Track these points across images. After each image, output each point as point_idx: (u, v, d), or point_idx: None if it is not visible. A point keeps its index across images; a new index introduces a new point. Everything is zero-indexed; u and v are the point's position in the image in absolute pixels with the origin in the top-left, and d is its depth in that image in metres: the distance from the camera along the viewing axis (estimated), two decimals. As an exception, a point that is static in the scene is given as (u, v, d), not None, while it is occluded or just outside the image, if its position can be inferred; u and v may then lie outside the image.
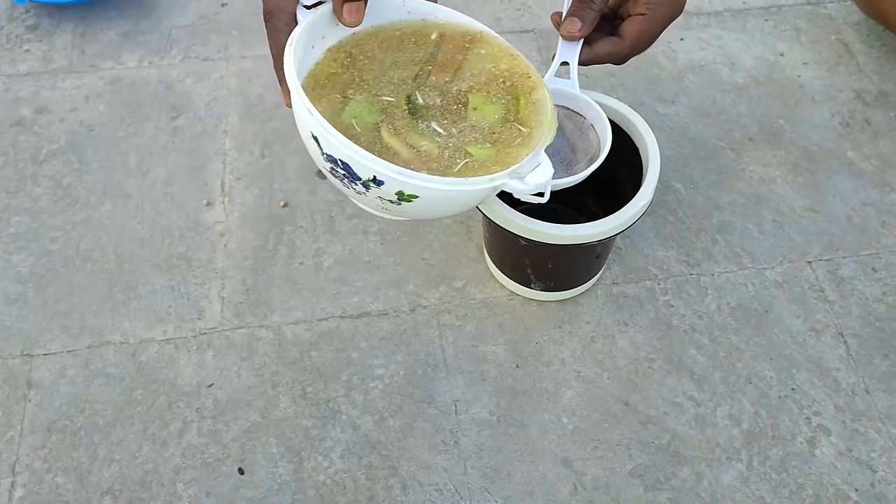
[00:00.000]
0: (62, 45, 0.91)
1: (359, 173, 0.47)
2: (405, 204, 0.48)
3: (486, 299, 0.72)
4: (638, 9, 0.60)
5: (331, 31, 0.53)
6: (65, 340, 0.70)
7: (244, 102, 0.86)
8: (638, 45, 0.61)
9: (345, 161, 0.47)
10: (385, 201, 0.49)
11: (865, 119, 0.85)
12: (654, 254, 0.75)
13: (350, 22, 0.51)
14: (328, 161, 0.48)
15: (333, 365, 0.69)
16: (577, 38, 0.59)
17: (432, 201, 0.49)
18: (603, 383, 0.68)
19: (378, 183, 0.47)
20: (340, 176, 0.48)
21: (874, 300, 0.73)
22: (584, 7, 0.59)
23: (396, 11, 0.56)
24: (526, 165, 0.50)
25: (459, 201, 0.51)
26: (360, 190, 0.48)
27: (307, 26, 0.51)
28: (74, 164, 0.81)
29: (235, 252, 0.75)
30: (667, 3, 0.60)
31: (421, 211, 0.50)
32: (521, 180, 0.49)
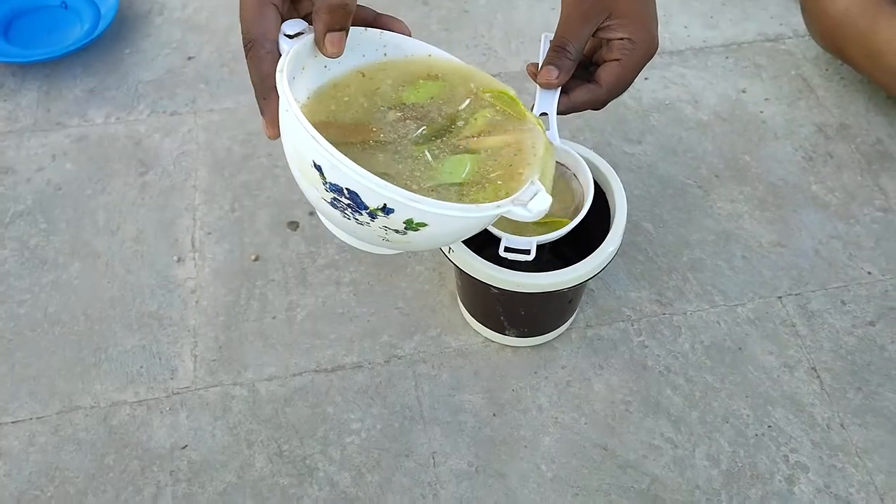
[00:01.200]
0: (27, 103, 0.90)
1: (367, 202, 0.45)
2: (411, 233, 0.47)
3: (461, 347, 0.72)
4: (612, 54, 0.61)
5: (310, 62, 0.52)
6: (34, 407, 0.68)
7: (213, 156, 0.86)
8: (615, 90, 0.62)
9: (352, 189, 0.45)
10: (389, 231, 0.47)
11: (828, 152, 0.87)
12: (627, 294, 0.76)
13: (332, 53, 0.50)
14: (331, 190, 0.46)
15: (309, 421, 0.68)
16: (555, 85, 0.60)
17: (441, 229, 0.48)
18: (581, 428, 0.68)
19: (387, 211, 0.45)
20: (343, 206, 0.47)
21: (845, 333, 0.73)
22: (560, 56, 0.60)
23: (373, 49, 0.56)
24: (526, 193, 0.50)
25: (465, 229, 0.51)
26: (365, 220, 0.47)
27: (293, 55, 0.49)
28: (42, 224, 0.80)
29: (207, 308, 0.74)
30: (641, 47, 0.61)
31: (423, 241, 0.49)
32: (524, 207, 0.49)
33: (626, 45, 0.60)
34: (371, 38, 0.55)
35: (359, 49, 0.55)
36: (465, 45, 0.97)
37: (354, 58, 0.55)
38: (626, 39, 0.60)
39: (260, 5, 0.49)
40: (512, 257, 0.57)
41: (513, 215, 0.50)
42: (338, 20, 0.49)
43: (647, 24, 0.61)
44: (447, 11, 1.01)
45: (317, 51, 0.51)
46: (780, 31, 0.99)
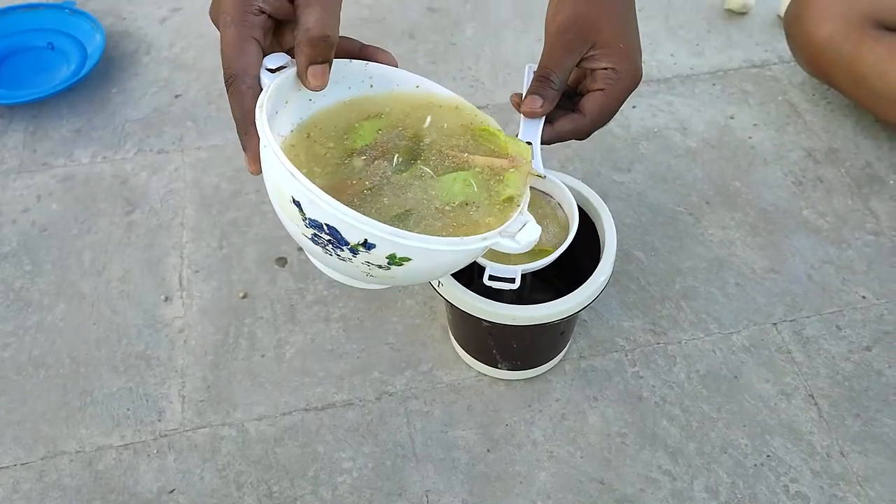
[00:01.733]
0: (13, 144, 0.90)
1: (347, 237, 0.44)
2: (395, 268, 0.46)
3: (453, 382, 0.71)
4: (596, 84, 0.61)
5: (293, 96, 0.52)
6: (18, 453, 0.67)
7: (200, 193, 0.85)
8: (599, 119, 0.62)
9: (332, 225, 0.44)
10: (372, 266, 0.47)
11: (817, 177, 0.87)
12: (620, 324, 0.75)
13: (315, 86, 0.50)
14: (311, 226, 0.45)
15: (299, 461, 0.67)
16: (539, 115, 0.60)
17: (425, 263, 0.47)
18: (576, 462, 0.67)
19: (369, 247, 0.45)
20: (324, 242, 0.46)
21: (841, 359, 0.72)
22: (544, 85, 0.60)
23: (358, 81, 0.55)
24: (514, 224, 0.49)
25: (452, 262, 0.49)
26: (347, 256, 0.46)
27: (274, 90, 0.49)
28: (27, 265, 0.79)
29: (195, 348, 0.73)
30: (624, 77, 0.60)
31: (408, 275, 0.48)
32: (513, 238, 0.49)
33: (610, 75, 0.60)
34: (356, 70, 0.55)
35: (344, 81, 0.54)
36: (452, 77, 0.97)
37: (340, 90, 0.54)
38: (609, 69, 0.60)
39: (240, 40, 0.49)
40: (497, 286, 0.56)
41: (500, 247, 0.49)
42: (320, 53, 0.49)
43: (631, 54, 0.61)
44: (434, 45, 1.01)
45: (300, 84, 0.50)
46: (766, 58, 1.00)
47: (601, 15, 0.61)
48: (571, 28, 0.61)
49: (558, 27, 0.61)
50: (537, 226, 0.50)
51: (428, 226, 0.50)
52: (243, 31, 0.49)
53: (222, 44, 0.49)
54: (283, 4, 0.50)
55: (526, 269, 0.57)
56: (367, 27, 1.03)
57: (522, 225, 0.49)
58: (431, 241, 0.45)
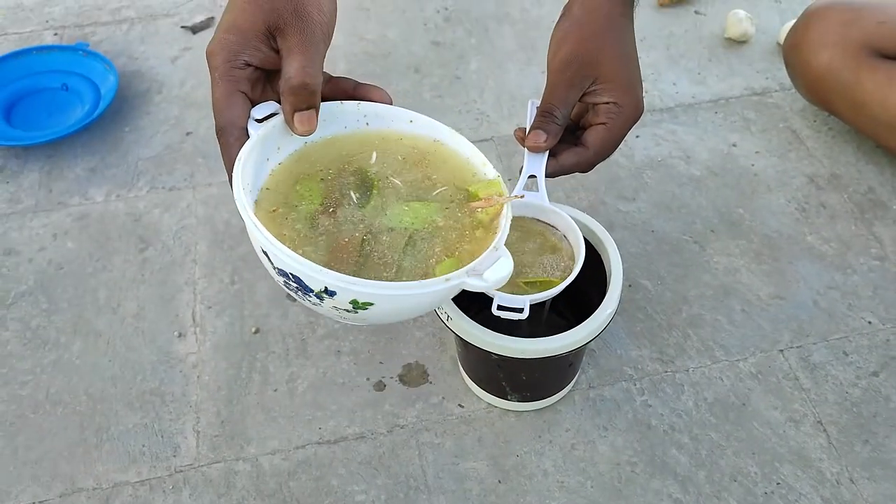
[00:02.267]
0: (29, 184, 0.92)
1: (310, 285, 0.47)
2: (362, 312, 0.48)
3: (463, 414, 0.72)
4: (598, 118, 0.62)
5: (285, 141, 0.54)
6: (36, 490, 0.68)
7: (212, 230, 0.87)
8: (602, 152, 0.63)
9: (294, 274, 0.47)
10: (341, 311, 0.48)
11: (821, 203, 0.88)
12: (628, 353, 0.76)
13: (302, 131, 0.52)
14: (280, 275, 0.48)
15: (313, 494, 0.67)
16: (543, 149, 0.61)
17: (389, 307, 0.48)
18: (587, 492, 0.67)
19: (331, 294, 0.47)
20: (294, 289, 0.48)
21: (849, 385, 0.73)
22: (547, 120, 0.61)
23: (354, 120, 0.57)
24: (484, 262, 0.49)
25: (418, 305, 0.50)
26: (315, 301, 0.48)
27: (257, 141, 0.51)
28: (43, 304, 0.80)
29: (209, 383, 0.74)
30: (626, 110, 0.62)
31: (380, 317, 0.50)
32: (480, 277, 0.49)
33: (612, 109, 0.62)
34: (349, 111, 0.56)
35: (339, 121, 0.56)
36: (457, 111, 0.99)
37: (337, 129, 0.56)
38: (611, 103, 0.62)
39: (228, 94, 0.51)
40: (505, 315, 0.56)
41: (468, 287, 0.49)
42: (303, 100, 0.51)
43: (632, 87, 0.63)
44: (439, 79, 1.03)
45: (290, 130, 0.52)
46: (767, 85, 1.01)
47: (602, 50, 0.62)
48: (573, 63, 0.62)
49: (560, 63, 0.63)
50: (510, 262, 0.49)
51: (442, 240, 0.51)
52: (230, 85, 0.51)
53: (213, 98, 0.52)
54: (268, 55, 0.52)
55: (534, 299, 0.58)
56: (372, 62, 1.05)
57: (495, 261, 0.49)
58: (388, 286, 0.47)
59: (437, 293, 0.48)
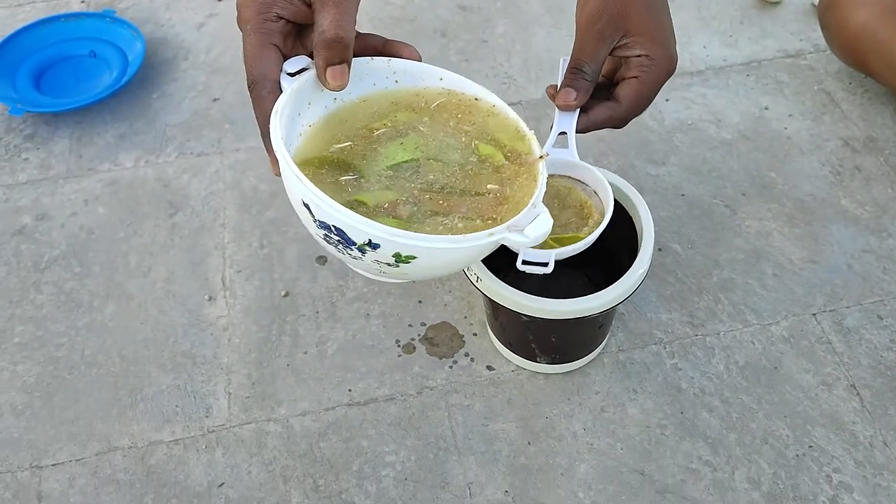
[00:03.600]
0: (59, 151, 0.92)
1: (353, 238, 0.46)
2: (403, 265, 0.48)
3: (492, 376, 0.72)
4: (631, 72, 0.61)
5: (316, 97, 0.53)
6: (73, 449, 0.69)
7: (240, 194, 0.87)
8: (635, 107, 0.62)
9: (338, 227, 0.46)
10: (382, 265, 0.48)
11: (856, 166, 0.86)
12: (658, 317, 0.75)
13: (334, 86, 0.51)
14: (321, 228, 0.47)
15: (343, 455, 0.68)
16: (573, 107, 0.60)
17: (431, 260, 0.48)
18: (617, 454, 0.67)
19: (374, 246, 0.46)
20: (335, 242, 0.48)
21: (883, 349, 0.72)
22: (578, 77, 0.60)
23: (383, 77, 0.56)
24: (524, 218, 0.49)
25: (460, 259, 0.50)
26: (356, 255, 0.48)
27: (292, 94, 0.50)
28: (76, 268, 0.81)
29: (239, 346, 0.75)
30: (660, 63, 0.61)
31: (421, 271, 0.49)
32: (521, 233, 0.48)
33: (644, 62, 0.60)
34: (379, 67, 0.55)
35: (369, 78, 0.55)
36: (484, 75, 0.98)
37: (365, 87, 0.56)
38: (643, 56, 0.60)
39: (260, 46, 0.50)
40: (530, 271, 0.56)
41: (509, 242, 0.49)
42: (336, 54, 0.50)
43: (664, 40, 0.61)
44: (465, 43, 1.02)
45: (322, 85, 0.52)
46: (801, 47, 0.99)
47: (630, 2, 0.61)
48: (601, 17, 0.61)
49: (588, 17, 0.62)
50: (550, 218, 0.49)
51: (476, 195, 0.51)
52: (263, 37, 0.51)
53: (244, 51, 0.51)
54: (301, 9, 0.52)
55: (560, 253, 0.57)
56: (398, 26, 1.04)
57: (534, 217, 0.49)
58: (433, 239, 0.46)
59: (478, 247, 0.48)
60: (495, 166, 0.54)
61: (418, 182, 0.52)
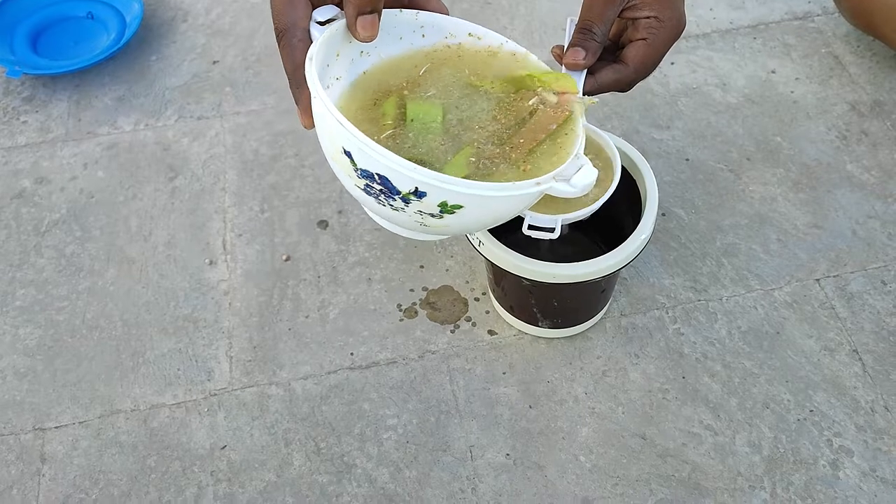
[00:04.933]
0: (58, 114, 0.92)
1: (398, 186, 0.45)
2: (448, 216, 0.46)
3: (494, 340, 0.72)
4: (639, 34, 0.60)
5: (344, 48, 0.51)
6: (76, 411, 0.69)
7: (241, 158, 0.86)
8: (642, 69, 0.61)
9: (382, 174, 0.44)
10: (425, 215, 0.47)
11: (862, 130, 0.85)
12: (661, 282, 0.75)
13: (365, 37, 0.50)
14: (363, 177, 0.46)
15: (345, 418, 0.68)
16: (581, 67, 0.59)
17: (478, 210, 0.47)
18: (618, 418, 0.67)
19: (420, 195, 0.45)
20: (376, 192, 0.46)
21: (886, 314, 0.72)
22: (586, 37, 0.59)
23: (410, 31, 0.55)
24: (569, 168, 0.48)
25: (506, 208, 0.49)
26: (399, 206, 0.46)
27: (324, 41, 0.49)
28: (77, 232, 0.81)
29: (241, 310, 0.75)
30: (668, 25, 0.59)
31: (464, 223, 0.48)
32: (567, 182, 0.48)
33: (653, 24, 0.59)
34: (407, 20, 0.54)
35: (395, 31, 0.54)
36: (487, 38, 0.96)
37: (391, 40, 0.54)
38: (652, 18, 0.59)
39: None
40: (536, 235, 0.56)
41: (555, 192, 0.48)
42: (368, 3, 0.49)
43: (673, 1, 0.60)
44: (469, 4, 1.01)
45: (351, 36, 0.50)
46: (809, 9, 0.97)
47: None
48: None
49: None
50: (594, 168, 0.48)
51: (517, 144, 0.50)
52: None
53: (272, 2, 0.50)
54: None
55: (566, 218, 0.57)
56: (401, -12, 1.02)
57: (578, 168, 0.48)
58: (483, 186, 0.45)
59: (525, 196, 0.47)
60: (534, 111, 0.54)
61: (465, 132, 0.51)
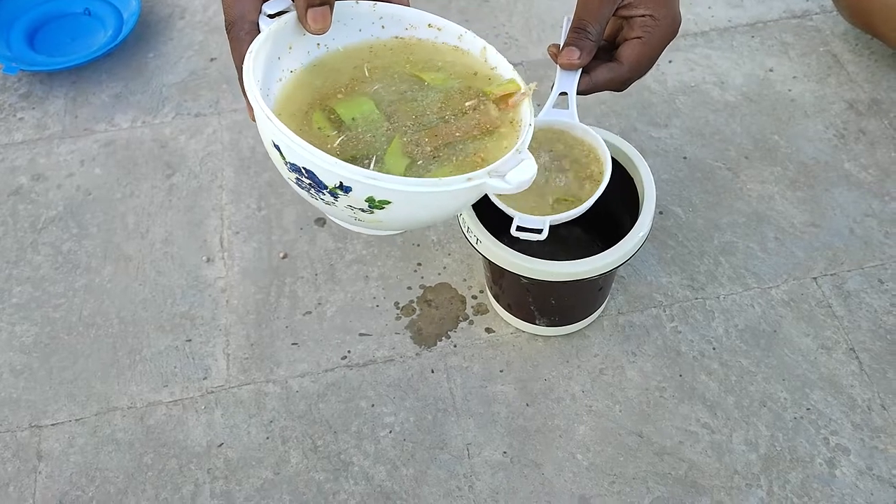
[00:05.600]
0: (55, 110, 0.91)
1: (324, 180, 0.44)
2: (378, 212, 0.46)
3: (491, 338, 0.72)
4: (634, 32, 0.60)
5: (298, 41, 0.51)
6: (72, 409, 0.69)
7: (238, 156, 0.86)
8: (637, 68, 0.61)
9: (308, 168, 0.44)
10: (356, 210, 0.46)
11: (860, 129, 0.85)
12: (658, 280, 0.75)
13: (315, 29, 0.49)
14: (292, 171, 0.46)
15: (342, 416, 0.68)
16: (576, 66, 0.59)
17: (407, 206, 0.46)
18: (615, 416, 0.67)
19: (346, 189, 0.44)
20: (307, 186, 0.46)
21: (883, 312, 0.72)
22: (581, 37, 0.59)
23: (369, 23, 0.54)
24: (507, 163, 0.47)
25: (438, 206, 0.48)
26: (329, 200, 0.46)
27: (269, 35, 0.49)
28: (73, 229, 0.81)
29: (238, 307, 0.75)
30: (663, 23, 0.59)
31: (397, 219, 0.47)
32: (503, 178, 0.46)
33: (648, 22, 0.59)
34: (365, 12, 0.54)
35: (353, 23, 0.54)
36: (485, 35, 0.95)
37: (350, 32, 0.54)
38: (647, 16, 0.59)
39: None
40: (524, 237, 0.55)
41: (489, 189, 0.47)
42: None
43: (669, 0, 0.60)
44: (467, 2, 1.00)
45: (304, 28, 0.50)
46: (807, 8, 0.97)
47: None
48: None
49: None
50: (534, 164, 0.47)
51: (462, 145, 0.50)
52: None
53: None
54: None
55: (555, 220, 0.56)
56: (399, -14, 1.02)
57: (518, 163, 0.47)
58: (407, 182, 0.44)
59: (456, 193, 0.46)
60: (481, 110, 0.53)
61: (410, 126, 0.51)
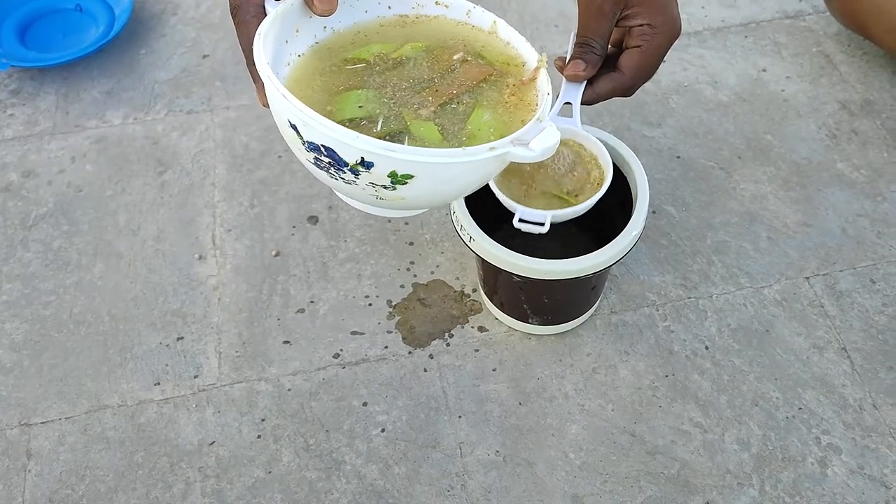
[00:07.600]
0: (46, 107, 0.91)
1: (345, 157, 0.44)
2: (401, 188, 0.45)
3: (484, 337, 0.72)
4: (633, 41, 0.60)
5: (304, 23, 0.51)
6: (62, 407, 0.69)
7: (230, 153, 0.86)
8: (638, 76, 0.61)
9: (328, 146, 0.43)
10: (378, 188, 0.45)
11: (852, 129, 0.85)
12: (651, 279, 0.75)
13: (321, 10, 0.49)
14: (310, 150, 0.45)
15: (335, 414, 0.68)
16: (582, 78, 0.60)
17: (431, 179, 0.45)
18: (608, 415, 0.67)
19: (367, 165, 0.43)
20: (326, 166, 0.45)
21: (875, 312, 0.72)
22: (586, 50, 0.60)
23: (375, 3, 0.54)
24: (529, 132, 0.46)
25: (462, 178, 0.47)
26: (350, 179, 0.45)
27: (276, 17, 0.48)
28: (64, 226, 0.80)
29: (230, 305, 0.75)
30: (661, 31, 0.60)
31: (420, 195, 0.47)
32: (527, 146, 0.46)
33: (646, 31, 0.60)
34: None
35: (360, 4, 0.53)
36: (479, 34, 0.96)
37: (356, 14, 0.53)
38: (645, 25, 0.60)
39: None
40: (526, 229, 0.56)
41: (513, 157, 0.46)
42: None
43: (665, 6, 0.60)
44: (460, 0, 1.00)
45: (310, 10, 0.50)
46: (800, 8, 0.98)
47: None
48: None
49: None
50: (556, 131, 0.47)
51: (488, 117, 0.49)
52: None
53: None
54: None
55: (556, 215, 0.57)
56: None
57: (540, 131, 0.47)
58: (431, 153, 0.44)
59: (481, 163, 0.45)
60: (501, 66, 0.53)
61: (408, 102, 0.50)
